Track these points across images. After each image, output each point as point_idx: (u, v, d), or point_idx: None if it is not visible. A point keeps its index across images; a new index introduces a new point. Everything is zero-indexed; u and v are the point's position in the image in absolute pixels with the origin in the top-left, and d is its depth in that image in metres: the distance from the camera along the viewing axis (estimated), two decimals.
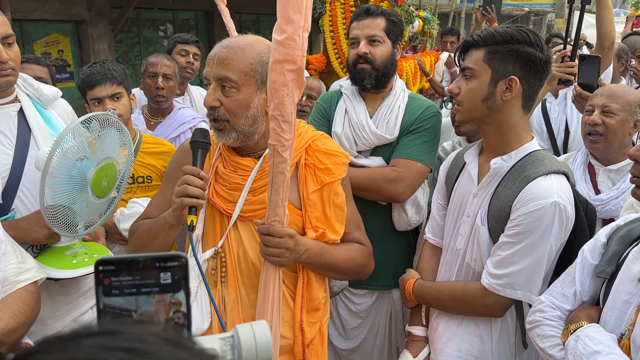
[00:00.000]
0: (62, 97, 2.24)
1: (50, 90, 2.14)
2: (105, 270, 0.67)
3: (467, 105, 1.77)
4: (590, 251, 1.51)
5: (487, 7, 5.52)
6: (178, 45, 3.64)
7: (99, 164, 1.98)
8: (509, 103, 1.73)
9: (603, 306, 1.41)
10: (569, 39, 3.16)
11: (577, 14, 3.01)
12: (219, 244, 1.68)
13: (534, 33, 1.73)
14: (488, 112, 1.74)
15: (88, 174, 1.93)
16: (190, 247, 1.56)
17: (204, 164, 1.66)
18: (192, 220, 1.53)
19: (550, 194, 1.64)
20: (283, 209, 1.55)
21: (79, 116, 2.31)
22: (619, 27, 8.03)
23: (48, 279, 1.91)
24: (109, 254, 2.11)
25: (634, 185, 1.38)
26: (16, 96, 2.03)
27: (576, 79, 2.79)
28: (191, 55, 3.63)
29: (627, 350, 1.25)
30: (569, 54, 2.77)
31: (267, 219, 1.56)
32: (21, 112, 2.02)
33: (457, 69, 1.86)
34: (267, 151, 1.65)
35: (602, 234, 1.51)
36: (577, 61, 2.76)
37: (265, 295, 1.59)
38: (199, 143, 1.60)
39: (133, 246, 1.81)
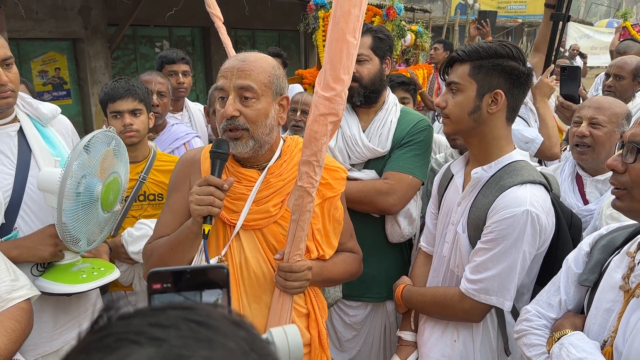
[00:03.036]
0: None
1: (49, 109, 2.13)
2: (155, 280, 0.74)
3: (454, 118, 1.81)
4: (574, 260, 1.54)
5: (482, 21, 5.53)
6: (165, 66, 3.62)
7: (108, 178, 2.01)
8: (494, 116, 1.77)
9: (587, 314, 1.44)
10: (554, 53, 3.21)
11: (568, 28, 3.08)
12: (222, 253, 1.71)
13: (516, 47, 1.78)
14: (474, 125, 1.79)
15: (96, 189, 1.97)
16: (203, 254, 1.65)
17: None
18: (209, 230, 1.60)
19: (523, 203, 1.67)
20: (304, 243, 1.63)
21: (78, 132, 2.35)
22: (611, 38, 8.09)
23: (59, 294, 1.93)
24: (114, 268, 2.13)
25: (614, 197, 1.41)
26: (15, 116, 2.03)
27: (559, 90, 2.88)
28: (180, 74, 3.62)
29: (610, 357, 1.27)
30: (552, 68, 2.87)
31: (287, 254, 1.63)
32: (21, 131, 2.02)
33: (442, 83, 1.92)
34: (270, 162, 1.74)
35: (585, 243, 1.55)
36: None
37: (279, 322, 1.67)
38: (220, 154, 1.65)
39: (154, 264, 1.73)
